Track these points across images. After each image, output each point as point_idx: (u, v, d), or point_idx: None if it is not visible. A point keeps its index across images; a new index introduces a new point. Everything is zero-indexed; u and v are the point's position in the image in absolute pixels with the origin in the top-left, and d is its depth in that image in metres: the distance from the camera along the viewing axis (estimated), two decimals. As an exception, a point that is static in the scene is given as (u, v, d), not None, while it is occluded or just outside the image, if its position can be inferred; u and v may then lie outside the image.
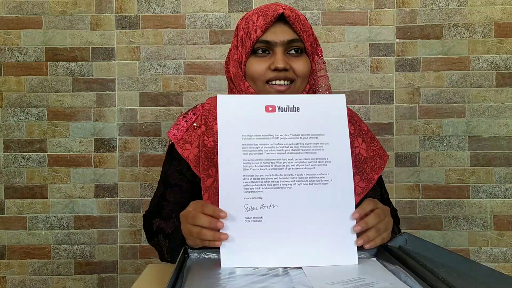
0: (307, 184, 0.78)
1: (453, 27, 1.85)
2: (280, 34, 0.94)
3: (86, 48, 1.88)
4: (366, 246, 0.79)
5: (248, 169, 0.78)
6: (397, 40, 1.86)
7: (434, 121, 1.86)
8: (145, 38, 1.88)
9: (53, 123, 1.89)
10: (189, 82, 1.88)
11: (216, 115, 1.00)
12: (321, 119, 0.81)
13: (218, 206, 0.79)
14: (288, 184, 0.78)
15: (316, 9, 1.86)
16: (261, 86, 0.97)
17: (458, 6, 1.84)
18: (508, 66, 1.84)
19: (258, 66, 0.95)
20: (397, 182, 1.86)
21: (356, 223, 0.78)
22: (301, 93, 0.99)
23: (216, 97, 1.06)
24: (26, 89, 1.89)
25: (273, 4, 0.97)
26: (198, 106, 1.08)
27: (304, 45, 0.96)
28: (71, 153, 1.89)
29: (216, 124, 0.99)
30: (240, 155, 0.79)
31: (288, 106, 0.81)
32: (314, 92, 1.04)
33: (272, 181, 0.78)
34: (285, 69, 0.93)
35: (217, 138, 0.96)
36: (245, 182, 0.78)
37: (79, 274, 1.90)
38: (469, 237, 1.86)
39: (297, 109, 0.81)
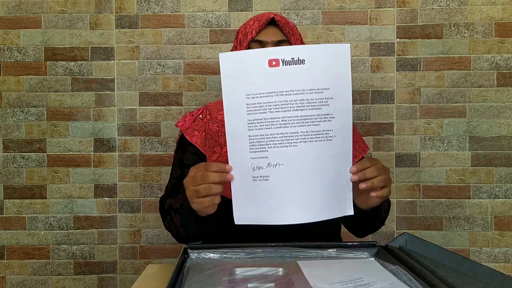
0: (312, 141, 0.78)
1: (453, 26, 1.84)
2: (271, 35, 1.12)
3: (86, 48, 1.88)
4: (373, 194, 0.81)
5: (253, 129, 0.78)
6: (398, 39, 1.85)
7: (434, 121, 1.85)
8: (145, 38, 1.87)
9: (52, 123, 1.89)
10: (188, 82, 1.88)
11: (219, 109, 1.15)
12: (327, 72, 0.78)
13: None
14: (294, 142, 0.78)
15: (316, 9, 1.86)
16: None
17: (459, 5, 1.84)
18: (509, 66, 1.83)
19: None
20: (397, 182, 1.86)
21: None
22: None
23: (215, 103, 1.20)
24: (25, 89, 1.88)
25: (268, 12, 1.21)
26: (201, 107, 1.24)
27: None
28: (71, 153, 1.89)
29: (220, 114, 1.14)
30: (245, 115, 0.78)
31: (293, 58, 0.78)
32: None
33: (277, 140, 0.78)
34: None
35: (220, 125, 1.11)
36: (251, 143, 0.78)
37: (78, 274, 1.90)
38: (469, 237, 1.85)
39: (303, 62, 0.78)
